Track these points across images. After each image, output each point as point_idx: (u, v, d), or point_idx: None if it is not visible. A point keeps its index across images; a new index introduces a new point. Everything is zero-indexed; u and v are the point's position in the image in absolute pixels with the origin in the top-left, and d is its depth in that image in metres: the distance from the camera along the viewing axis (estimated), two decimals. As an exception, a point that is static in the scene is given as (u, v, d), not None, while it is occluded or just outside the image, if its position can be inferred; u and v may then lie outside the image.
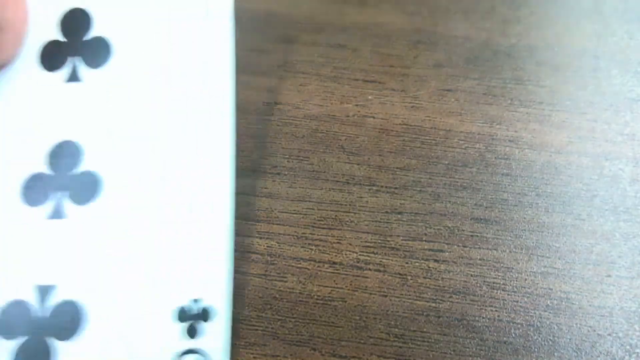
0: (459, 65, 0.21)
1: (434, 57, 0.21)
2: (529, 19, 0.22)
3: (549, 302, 0.17)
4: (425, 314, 0.17)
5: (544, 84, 0.21)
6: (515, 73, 0.21)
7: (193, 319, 0.16)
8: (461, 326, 0.17)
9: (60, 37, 0.19)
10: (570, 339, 0.17)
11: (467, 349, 0.17)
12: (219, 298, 0.16)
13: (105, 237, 0.17)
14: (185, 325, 0.16)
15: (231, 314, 0.17)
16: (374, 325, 0.17)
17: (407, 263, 0.18)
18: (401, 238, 0.18)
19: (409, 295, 0.17)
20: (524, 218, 0.19)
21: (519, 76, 0.21)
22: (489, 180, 0.19)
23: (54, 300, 0.17)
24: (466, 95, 0.21)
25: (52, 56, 0.19)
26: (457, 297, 0.17)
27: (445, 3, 0.22)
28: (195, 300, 0.16)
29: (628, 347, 0.17)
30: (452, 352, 0.17)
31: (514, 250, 0.18)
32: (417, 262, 0.18)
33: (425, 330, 0.17)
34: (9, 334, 0.16)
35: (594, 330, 0.17)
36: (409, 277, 0.18)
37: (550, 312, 0.17)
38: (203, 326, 0.16)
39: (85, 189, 0.18)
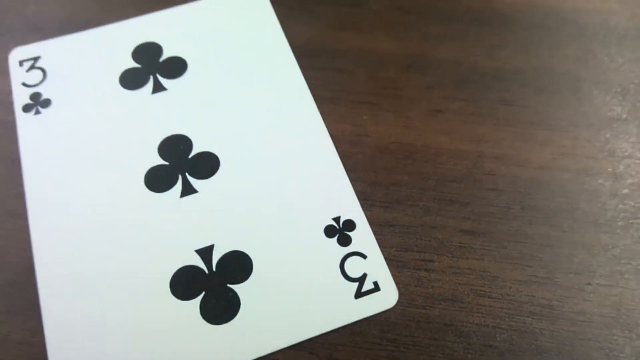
0: (448, 87, 0.23)
1: (425, 80, 0.23)
2: (515, 44, 0.24)
3: (532, 309, 0.18)
4: (416, 319, 0.18)
5: (528, 105, 0.22)
6: (501, 94, 0.22)
7: (340, 231, 0.19)
8: (450, 331, 0.18)
9: (134, 65, 0.23)
10: (552, 343, 0.18)
11: (456, 353, 0.18)
12: (353, 210, 0.20)
13: (241, 195, 0.20)
14: (335, 238, 0.19)
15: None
16: (368, 331, 0.18)
17: (399, 272, 0.19)
18: (394, 249, 0.19)
19: (401, 302, 0.19)
20: (509, 230, 0.20)
21: (505, 97, 0.22)
22: (476, 194, 0.20)
23: (216, 256, 0.19)
24: (455, 115, 0.22)
25: (131, 79, 0.23)
26: (446, 304, 0.19)
27: (435, 29, 0.24)
28: (335, 218, 0.20)
29: (607, 350, 0.18)
30: (441, 356, 0.18)
31: (499, 260, 0.19)
32: (409, 271, 0.19)
33: (416, 335, 0.18)
34: (186, 295, 0.19)
35: (575, 335, 0.18)
36: (401, 286, 0.19)
37: (533, 318, 0.18)
38: (351, 234, 0.19)
39: (207, 166, 0.21)
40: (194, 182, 0.21)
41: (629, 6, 0.25)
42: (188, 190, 0.21)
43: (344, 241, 0.19)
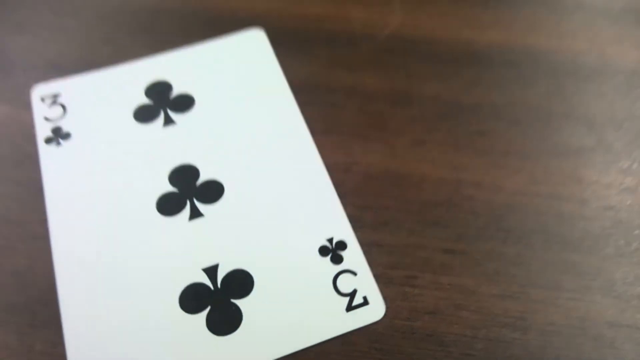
0: (430, 120, 0.25)
1: (409, 113, 0.25)
2: (490, 81, 0.26)
3: (505, 320, 0.20)
4: (401, 331, 0.20)
5: (502, 136, 0.24)
6: (478, 127, 0.25)
7: (332, 251, 0.21)
8: (432, 341, 0.20)
9: (146, 101, 0.26)
10: (524, 352, 0.20)
11: (436, 356, 0.20)
12: (345, 231, 0.22)
13: (243, 218, 0.22)
14: (328, 257, 0.21)
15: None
16: (358, 341, 0.20)
17: (386, 288, 0.21)
18: (382, 267, 0.22)
19: (388, 315, 0.21)
20: (485, 249, 0.22)
21: (482, 129, 0.25)
22: (456, 217, 0.23)
23: (220, 273, 0.21)
24: (437, 145, 0.24)
25: (144, 114, 0.25)
26: (429, 316, 0.21)
27: (418, 68, 0.26)
28: (328, 239, 0.22)
29: (574, 357, 0.20)
30: (424, 363, 0.20)
31: (476, 276, 0.21)
32: (395, 287, 0.21)
33: (401, 344, 0.20)
34: (193, 310, 0.21)
35: (545, 345, 0.20)
36: (388, 300, 0.21)
37: (506, 329, 0.20)
38: (343, 254, 0.21)
39: (213, 192, 0.23)
40: (201, 207, 0.23)
41: (596, 45, 0.27)
42: (195, 214, 0.23)
43: (337, 260, 0.21)
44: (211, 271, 0.21)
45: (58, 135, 0.25)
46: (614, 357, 0.20)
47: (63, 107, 0.26)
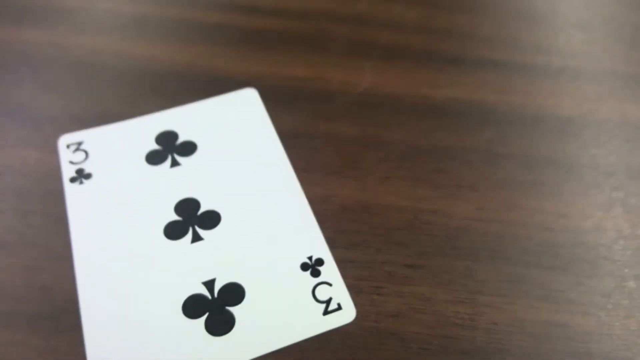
0: (395, 160, 0.30)
1: (378, 155, 0.30)
2: (446, 128, 0.31)
3: (456, 321, 0.24)
4: (369, 330, 0.24)
5: (455, 173, 0.29)
6: (436, 165, 0.29)
7: (312, 267, 0.26)
8: (395, 338, 0.24)
9: (156, 147, 0.30)
10: (471, 347, 0.24)
11: (399, 354, 0.24)
12: (322, 250, 0.26)
13: (237, 241, 0.27)
14: (308, 272, 0.25)
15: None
16: (333, 339, 0.24)
17: (357, 296, 0.25)
18: (353, 279, 0.26)
19: (358, 318, 0.24)
20: (440, 264, 0.26)
21: (439, 168, 0.29)
22: (416, 238, 0.27)
23: (217, 286, 0.25)
24: (401, 181, 0.29)
25: (154, 158, 0.30)
26: (392, 319, 0.25)
27: (386, 118, 0.31)
28: (309, 257, 0.26)
29: (514, 352, 0.24)
30: (387, 356, 0.24)
31: (433, 286, 0.25)
32: (364, 295, 0.25)
33: (369, 342, 0.24)
34: (194, 315, 0.24)
35: (489, 341, 0.24)
36: (358, 306, 0.25)
37: (457, 328, 0.24)
38: (321, 269, 0.26)
39: (211, 220, 0.27)
40: (201, 232, 0.27)
41: (536, 99, 0.32)
42: (196, 238, 0.27)
43: (315, 274, 0.26)
44: (209, 284, 0.25)
45: (81, 175, 0.29)
46: (548, 350, 0.24)
47: (85, 152, 0.30)
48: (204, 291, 0.25)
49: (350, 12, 0.37)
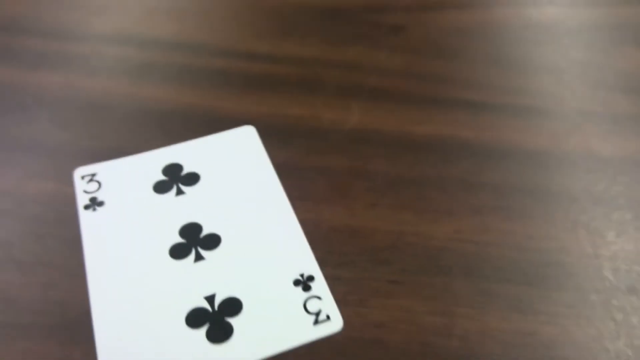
0: (381, 189, 0.33)
1: (365, 184, 0.33)
2: (425, 160, 0.34)
3: (434, 330, 0.27)
4: (355, 339, 0.27)
5: (435, 200, 0.32)
6: (417, 193, 0.32)
7: (303, 282, 0.28)
8: (378, 346, 0.26)
9: (163, 178, 0.33)
10: (448, 353, 0.26)
11: (380, 357, 0.26)
12: (313, 268, 0.28)
13: (235, 261, 0.29)
14: (300, 287, 0.28)
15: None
16: (322, 346, 0.26)
17: (345, 309, 0.28)
18: (341, 294, 0.28)
19: (345, 328, 0.27)
20: (421, 280, 0.29)
21: (420, 195, 0.32)
22: (399, 257, 0.30)
23: (217, 300, 0.27)
24: (385, 207, 0.32)
25: (161, 187, 0.32)
26: (377, 329, 0.27)
27: (372, 151, 0.35)
28: (301, 274, 0.28)
29: (486, 357, 0.26)
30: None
31: (412, 299, 0.28)
32: (352, 308, 0.28)
33: (355, 349, 0.26)
34: (196, 326, 0.27)
35: (465, 347, 0.26)
36: (345, 317, 0.27)
37: (435, 336, 0.27)
38: (311, 284, 0.28)
39: (212, 242, 0.30)
40: (203, 252, 0.30)
41: (503, 133, 0.36)
42: (199, 258, 0.30)
43: (306, 289, 0.28)
44: (210, 298, 0.28)
45: (94, 203, 0.32)
46: (517, 356, 0.26)
47: (99, 183, 0.33)
48: (205, 305, 0.28)
49: (341, 58, 0.41)
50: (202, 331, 0.27)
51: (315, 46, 0.42)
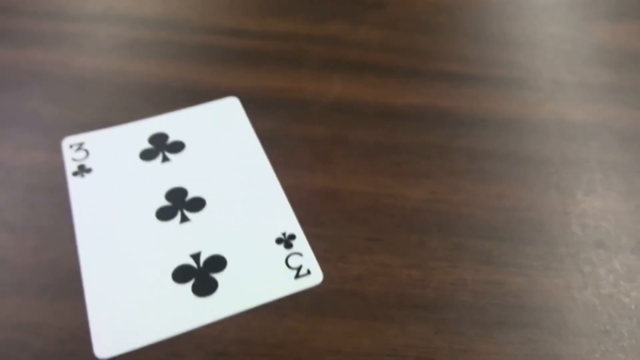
0: (359, 156, 0.34)
1: (345, 151, 0.34)
2: (404, 129, 0.35)
3: (410, 282, 0.28)
4: (334, 290, 0.28)
5: (412, 165, 0.33)
6: (395, 159, 0.34)
7: (285, 240, 0.29)
8: (356, 297, 0.28)
9: (149, 146, 0.34)
10: (423, 300, 0.28)
11: (361, 309, 0.27)
12: (294, 227, 0.30)
13: (220, 222, 0.31)
14: (282, 245, 0.29)
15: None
16: (303, 298, 0.28)
17: (324, 264, 0.29)
18: (321, 250, 0.29)
19: (325, 281, 0.28)
20: (397, 238, 0.30)
21: (397, 160, 0.34)
22: (376, 217, 0.31)
23: (203, 257, 0.29)
24: (364, 172, 0.33)
25: (148, 154, 0.34)
26: (354, 281, 0.28)
27: (352, 121, 0.36)
28: (283, 233, 0.30)
29: (457, 305, 0.27)
30: (349, 309, 0.27)
31: (389, 255, 0.29)
32: (331, 263, 0.29)
33: (334, 300, 0.28)
34: (182, 281, 0.28)
35: (438, 296, 0.28)
36: (325, 271, 0.29)
37: (410, 287, 0.28)
38: (293, 242, 0.30)
39: (198, 205, 0.31)
40: (189, 214, 0.31)
41: (480, 103, 0.37)
42: (184, 219, 0.31)
43: (288, 246, 0.29)
44: (196, 256, 0.29)
45: (82, 170, 0.33)
46: (486, 303, 0.28)
47: (86, 151, 0.34)
48: (191, 262, 0.29)
49: (323, 34, 0.42)
50: (188, 286, 0.28)
51: (298, 22, 0.43)
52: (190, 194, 0.32)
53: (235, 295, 0.28)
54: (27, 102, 0.37)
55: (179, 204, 0.32)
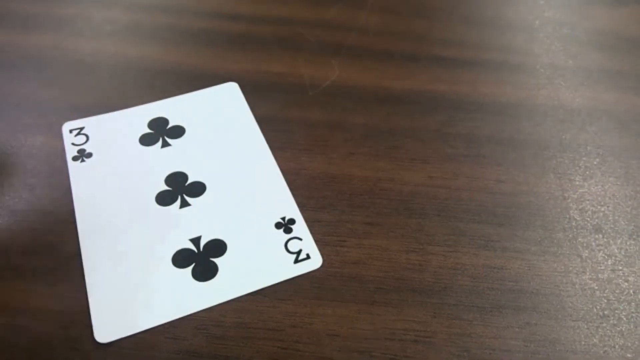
0: (358, 140, 0.34)
1: (343, 135, 0.34)
2: (402, 113, 0.35)
3: (408, 266, 0.28)
4: (333, 275, 0.28)
5: (410, 149, 0.33)
6: (393, 143, 0.34)
7: (285, 225, 0.30)
8: (355, 281, 0.28)
9: (149, 131, 0.34)
10: (420, 284, 0.28)
11: (359, 293, 0.27)
12: (294, 212, 0.30)
13: (220, 206, 0.31)
14: (282, 229, 0.29)
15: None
16: (302, 282, 0.28)
17: (323, 248, 0.29)
18: (320, 235, 0.30)
19: (324, 265, 0.28)
20: (395, 222, 0.30)
21: (395, 145, 0.34)
22: (375, 202, 0.31)
23: (202, 242, 0.29)
24: (363, 156, 0.33)
25: (147, 139, 0.34)
26: (353, 265, 0.28)
27: (351, 105, 0.36)
28: (282, 217, 0.30)
29: (457, 290, 0.28)
30: (348, 293, 0.27)
31: (388, 239, 0.29)
32: (330, 247, 0.29)
33: (333, 283, 0.28)
34: (182, 265, 0.28)
35: (436, 281, 0.28)
36: (324, 256, 0.29)
37: (408, 271, 0.28)
38: (292, 227, 0.30)
39: (197, 189, 0.32)
40: (189, 199, 0.31)
41: (477, 88, 0.37)
42: (184, 204, 0.31)
43: (288, 231, 0.30)
44: (196, 241, 0.29)
45: (82, 154, 0.33)
46: (485, 287, 0.28)
47: (86, 136, 0.34)
48: (191, 246, 0.29)
49: (322, 18, 0.42)
50: (188, 270, 0.28)
51: (297, 7, 0.42)
52: (190, 179, 0.32)
53: (235, 279, 0.28)
54: (24, 86, 0.37)
55: (179, 189, 0.32)
